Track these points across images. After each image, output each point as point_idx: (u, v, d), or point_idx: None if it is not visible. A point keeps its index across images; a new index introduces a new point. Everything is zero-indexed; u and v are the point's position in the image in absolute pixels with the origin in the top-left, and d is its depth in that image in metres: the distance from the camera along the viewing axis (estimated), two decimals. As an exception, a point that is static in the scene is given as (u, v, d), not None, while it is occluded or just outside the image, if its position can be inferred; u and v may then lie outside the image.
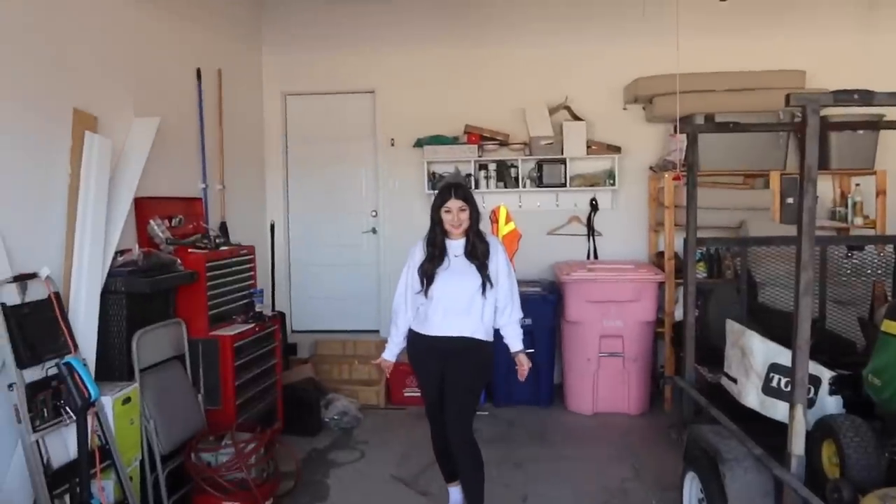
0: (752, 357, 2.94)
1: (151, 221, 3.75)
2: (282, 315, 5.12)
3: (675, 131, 4.90)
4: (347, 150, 5.85)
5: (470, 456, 3.07)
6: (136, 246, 3.45)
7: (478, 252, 3.07)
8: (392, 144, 5.68)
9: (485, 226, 4.68)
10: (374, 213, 5.83)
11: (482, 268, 3.06)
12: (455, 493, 3.31)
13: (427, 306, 3.10)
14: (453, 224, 3.06)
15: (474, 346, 3.08)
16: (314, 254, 5.91)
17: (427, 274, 3.08)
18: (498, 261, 3.11)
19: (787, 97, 2.30)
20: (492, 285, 3.07)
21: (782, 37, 5.28)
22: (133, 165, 3.57)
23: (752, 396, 2.94)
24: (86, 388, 2.44)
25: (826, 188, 5.23)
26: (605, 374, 4.85)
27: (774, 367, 2.89)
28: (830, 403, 2.83)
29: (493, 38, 5.54)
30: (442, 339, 3.08)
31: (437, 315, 3.08)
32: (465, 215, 3.06)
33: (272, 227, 5.55)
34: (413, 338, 3.19)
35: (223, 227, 4.73)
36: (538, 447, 4.30)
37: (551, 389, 5.10)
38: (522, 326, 3.23)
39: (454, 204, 3.05)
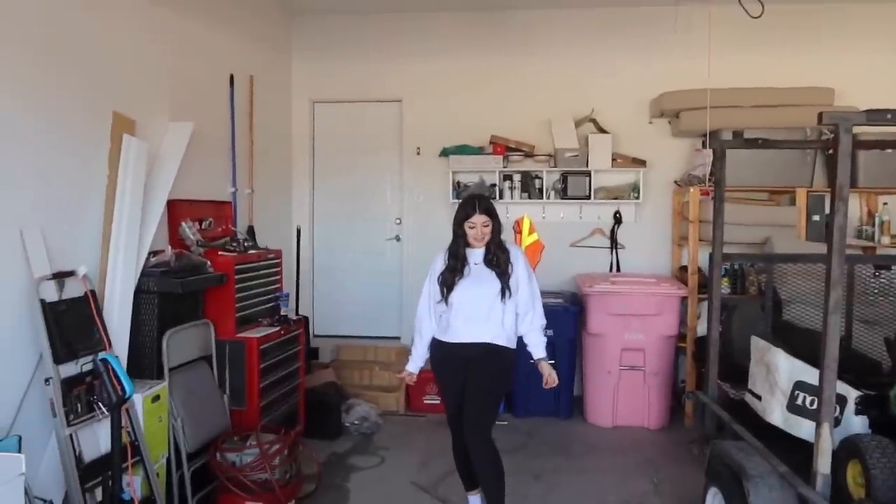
0: (778, 374, 2.94)
1: (183, 223, 3.82)
2: (305, 319, 5.18)
3: (704, 146, 4.89)
4: (373, 158, 5.92)
5: (489, 462, 3.08)
6: (169, 247, 3.53)
7: (499, 261, 3.11)
8: (418, 153, 5.74)
9: (508, 236, 4.76)
10: (398, 221, 5.88)
11: (502, 275, 3.10)
12: (475, 501, 3.33)
13: (448, 314, 3.14)
14: (476, 238, 3.11)
15: (495, 353, 3.11)
16: (338, 260, 5.97)
17: (447, 283, 3.12)
18: (518, 268, 3.14)
19: (820, 115, 2.32)
20: (510, 292, 3.10)
21: (811, 54, 5.27)
22: (167, 168, 3.64)
23: (776, 414, 2.94)
24: (120, 384, 2.50)
25: (853, 206, 5.19)
26: (625, 387, 4.84)
27: (800, 385, 2.88)
28: (856, 423, 2.83)
29: (521, 49, 5.59)
30: (463, 346, 3.11)
31: (458, 322, 3.11)
32: (488, 230, 3.10)
33: (298, 231, 5.62)
34: (435, 346, 3.23)
35: (251, 231, 4.81)
36: (557, 459, 4.30)
37: (571, 401, 5.10)
38: (545, 336, 3.24)
39: (478, 219, 3.09)
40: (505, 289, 3.08)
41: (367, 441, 4.58)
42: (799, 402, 2.89)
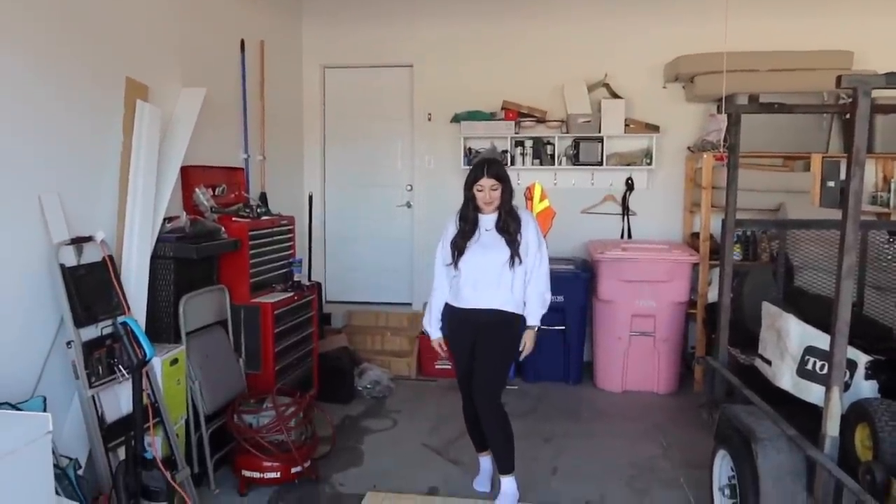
0: (788, 339, 2.95)
1: (197, 190, 3.84)
2: (318, 285, 5.23)
3: (718, 111, 4.85)
4: (384, 124, 5.89)
5: (499, 426, 3.14)
6: (184, 213, 3.56)
7: (509, 227, 3.11)
8: (429, 119, 5.71)
9: (520, 202, 4.76)
10: (409, 188, 5.88)
11: (512, 242, 3.10)
12: (486, 462, 3.40)
13: (458, 279, 3.16)
14: (485, 201, 3.10)
15: (505, 319, 3.14)
16: (349, 226, 6.00)
17: (458, 247, 3.14)
18: (528, 235, 3.14)
19: (838, 78, 2.28)
20: (520, 260, 3.10)
21: (829, 16, 5.15)
22: (181, 134, 3.65)
23: (786, 378, 2.96)
24: (140, 347, 2.55)
25: (868, 172, 5.12)
26: (635, 353, 4.88)
27: (810, 350, 2.89)
28: (866, 388, 2.84)
29: (533, 12, 5.50)
30: (473, 312, 3.14)
31: (468, 287, 3.13)
32: (496, 193, 3.09)
33: (310, 198, 5.64)
34: (447, 311, 3.26)
35: (263, 198, 4.83)
36: (567, 422, 4.36)
37: (581, 367, 5.14)
38: (553, 304, 3.23)
39: (486, 182, 3.07)
40: (514, 255, 3.09)
41: (379, 405, 4.66)
42: (809, 366, 2.90)
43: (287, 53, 5.50)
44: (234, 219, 3.88)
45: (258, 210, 4.17)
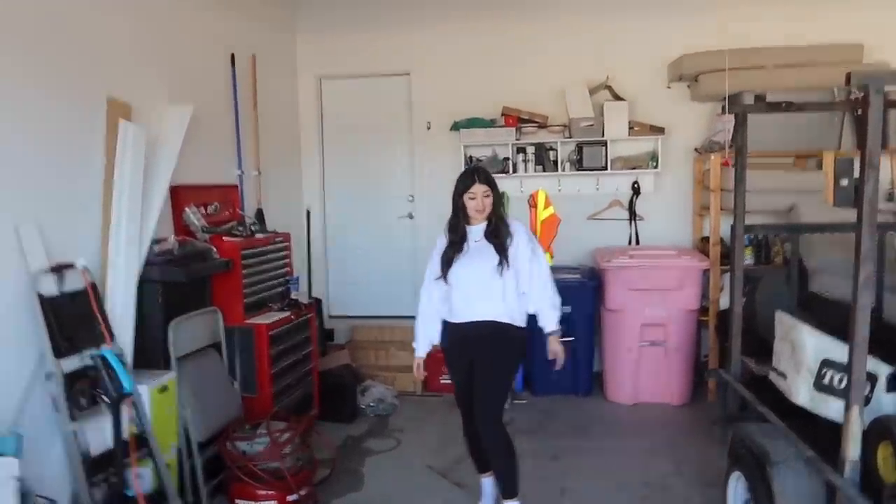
0: (804, 352, 2.78)
1: (187, 209, 3.75)
2: (318, 301, 5.12)
3: (724, 111, 4.68)
4: (383, 135, 5.78)
5: (500, 446, 3.01)
6: (172, 235, 3.46)
7: (499, 233, 3.01)
8: (428, 128, 5.60)
9: (523, 211, 4.64)
10: (410, 198, 5.77)
11: (500, 248, 2.99)
12: (488, 484, 3.26)
13: (450, 293, 3.06)
14: (478, 209, 3.00)
15: (500, 332, 3.01)
16: (351, 239, 5.89)
17: (447, 260, 3.04)
18: (519, 240, 3.02)
19: (848, 76, 2.14)
20: (508, 265, 2.98)
21: (838, 8, 4.97)
22: (168, 153, 3.56)
23: (802, 393, 2.79)
24: (119, 380, 2.45)
25: (883, 168, 4.93)
26: (646, 363, 4.72)
27: (827, 363, 2.73)
28: (888, 401, 2.67)
29: (531, 15, 5.37)
30: (467, 326, 3.03)
31: (460, 301, 3.03)
32: (489, 200, 3.00)
33: (308, 213, 5.54)
34: (444, 328, 3.15)
35: (259, 214, 4.72)
36: (577, 439, 4.21)
37: (591, 378, 4.99)
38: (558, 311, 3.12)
39: (479, 189, 2.98)
40: (503, 261, 2.97)
41: (382, 423, 4.53)
42: (826, 380, 2.74)
43: (281, 65, 5.41)
44: (225, 238, 3.78)
45: (252, 228, 4.07)
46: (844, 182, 4.74)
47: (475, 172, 3.05)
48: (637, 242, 5.36)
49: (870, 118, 2.10)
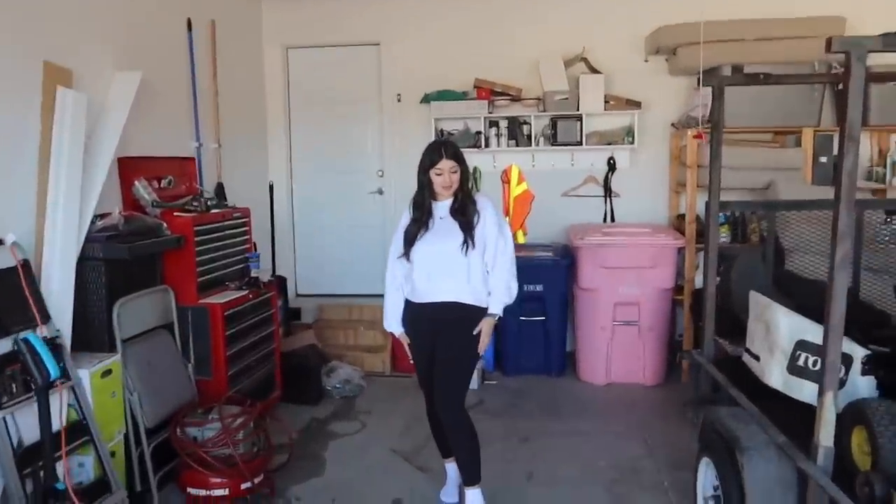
0: (778, 333, 2.68)
1: (137, 182, 3.54)
2: (282, 280, 4.95)
3: (699, 83, 4.53)
4: (352, 107, 5.57)
5: (462, 433, 2.89)
6: (117, 209, 3.26)
7: (466, 210, 2.85)
8: (398, 100, 5.39)
9: (495, 186, 4.48)
10: (380, 174, 5.58)
11: (465, 226, 2.83)
12: (452, 469, 3.15)
13: (412, 272, 2.90)
14: (444, 185, 2.84)
15: (464, 314, 2.87)
16: (319, 215, 5.70)
17: (410, 237, 2.89)
18: (486, 218, 2.87)
19: (829, 41, 1.99)
20: (473, 244, 2.83)
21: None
22: (113, 123, 3.34)
23: (775, 376, 2.69)
24: (44, 366, 2.26)
25: (863, 146, 4.84)
26: (619, 343, 4.62)
27: (802, 345, 2.62)
28: (863, 385, 2.58)
29: (506, -16, 5.17)
30: (429, 307, 2.89)
31: (422, 280, 2.89)
32: (456, 176, 2.84)
33: (271, 187, 5.33)
34: (405, 308, 3.00)
35: (220, 189, 4.52)
36: (547, 420, 4.10)
37: (563, 358, 4.88)
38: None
39: (446, 164, 2.81)
40: (468, 240, 2.81)
41: (348, 405, 4.39)
42: (800, 362, 2.63)
43: (244, 34, 5.17)
44: (177, 213, 3.58)
45: (209, 203, 3.86)
46: (823, 159, 4.65)
47: (443, 147, 2.88)
48: (612, 219, 5.23)
49: (850, 87, 1.96)
